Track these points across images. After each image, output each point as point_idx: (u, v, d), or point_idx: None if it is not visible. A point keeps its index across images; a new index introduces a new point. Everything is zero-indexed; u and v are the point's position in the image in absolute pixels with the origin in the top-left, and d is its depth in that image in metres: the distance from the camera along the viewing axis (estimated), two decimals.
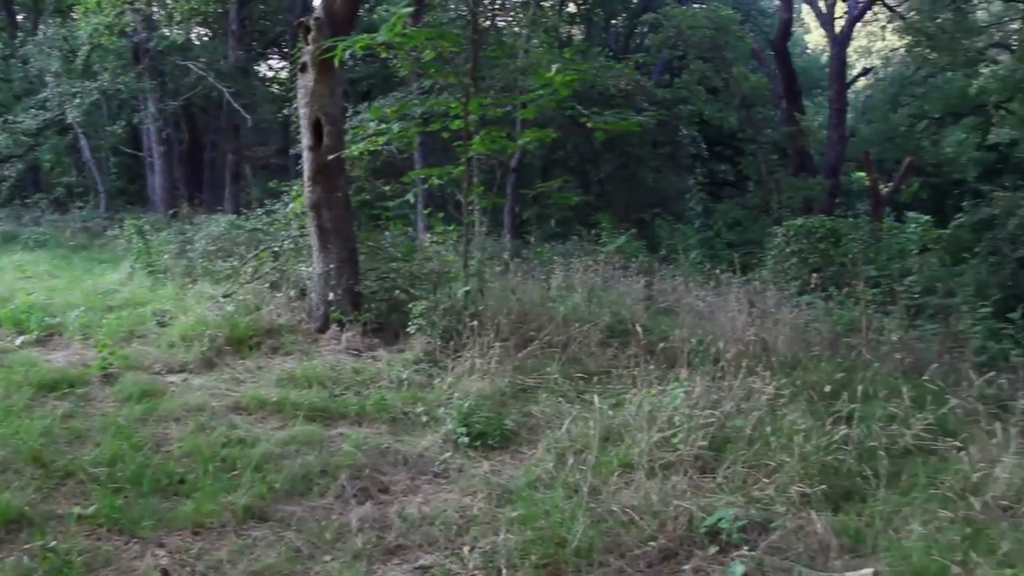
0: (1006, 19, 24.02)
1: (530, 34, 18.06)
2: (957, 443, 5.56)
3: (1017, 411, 5.83)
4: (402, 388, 7.39)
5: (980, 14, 24.78)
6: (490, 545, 4.51)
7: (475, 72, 9.67)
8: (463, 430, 6.21)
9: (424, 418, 6.64)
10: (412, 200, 12.26)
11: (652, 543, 4.54)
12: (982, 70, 23.67)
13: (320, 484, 5.37)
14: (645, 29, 28.89)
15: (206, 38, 27.47)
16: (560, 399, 6.94)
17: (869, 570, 4.30)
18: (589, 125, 9.73)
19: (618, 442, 5.67)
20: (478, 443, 6.15)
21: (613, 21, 30.89)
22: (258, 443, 5.94)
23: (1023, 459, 5.14)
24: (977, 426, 5.77)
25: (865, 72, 30.41)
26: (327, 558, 4.51)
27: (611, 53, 25.75)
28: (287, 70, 29.01)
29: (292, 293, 10.09)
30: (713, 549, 4.50)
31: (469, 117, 9.30)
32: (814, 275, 11.24)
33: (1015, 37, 23.71)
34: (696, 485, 5.14)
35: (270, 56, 32.21)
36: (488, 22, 18.09)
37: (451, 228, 11.16)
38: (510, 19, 21.31)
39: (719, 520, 4.61)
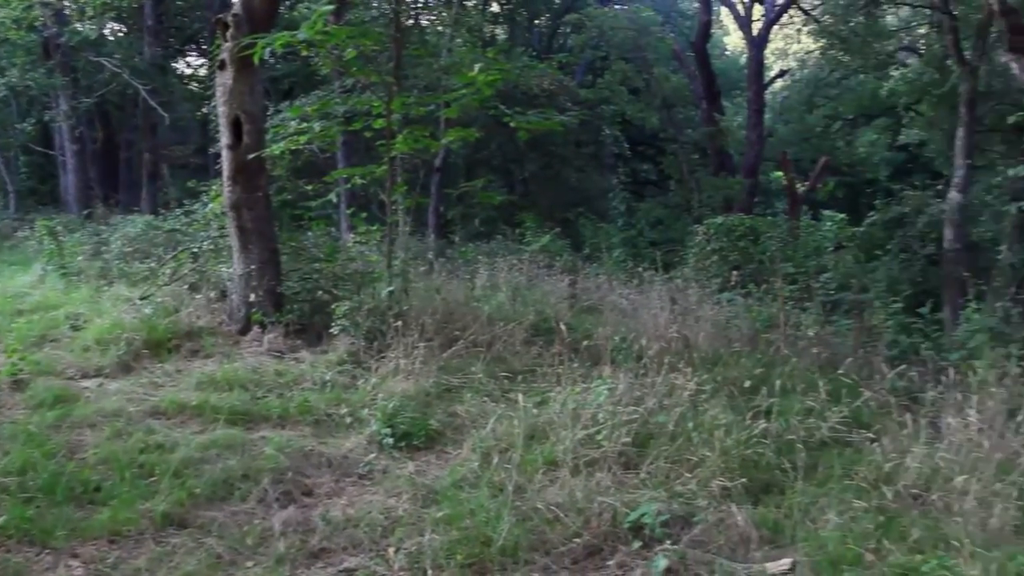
0: (914, 24, 24.75)
1: (453, 33, 18.06)
2: (871, 435, 5.76)
3: (927, 403, 6.04)
4: (325, 390, 7.29)
5: (890, 18, 25.50)
6: (415, 546, 4.50)
7: (398, 71, 9.62)
8: (388, 431, 6.17)
9: (348, 419, 6.57)
10: (335, 200, 12.08)
11: (577, 540, 4.58)
12: (892, 73, 24.36)
13: (242, 488, 5.28)
14: (568, 30, 29.09)
15: (121, 34, 26.71)
16: (485, 398, 6.95)
17: (788, 560, 4.40)
18: (512, 125, 9.75)
19: (543, 440, 5.69)
20: (403, 444, 6.12)
21: (536, 21, 30.98)
22: (177, 448, 5.81)
23: (932, 449, 5.31)
24: (889, 418, 5.96)
25: (782, 74, 31.08)
26: (249, 564, 4.43)
27: (534, 53, 25.85)
28: (206, 67, 28.40)
29: (212, 295, 9.89)
30: (637, 544, 4.55)
31: (392, 116, 9.26)
32: (734, 272, 11.47)
33: (922, 41, 24.49)
34: (620, 481, 5.20)
35: (188, 53, 31.44)
36: (411, 21, 17.98)
37: (374, 228, 11.05)
38: (433, 18, 21.26)
39: (642, 515, 4.66)
